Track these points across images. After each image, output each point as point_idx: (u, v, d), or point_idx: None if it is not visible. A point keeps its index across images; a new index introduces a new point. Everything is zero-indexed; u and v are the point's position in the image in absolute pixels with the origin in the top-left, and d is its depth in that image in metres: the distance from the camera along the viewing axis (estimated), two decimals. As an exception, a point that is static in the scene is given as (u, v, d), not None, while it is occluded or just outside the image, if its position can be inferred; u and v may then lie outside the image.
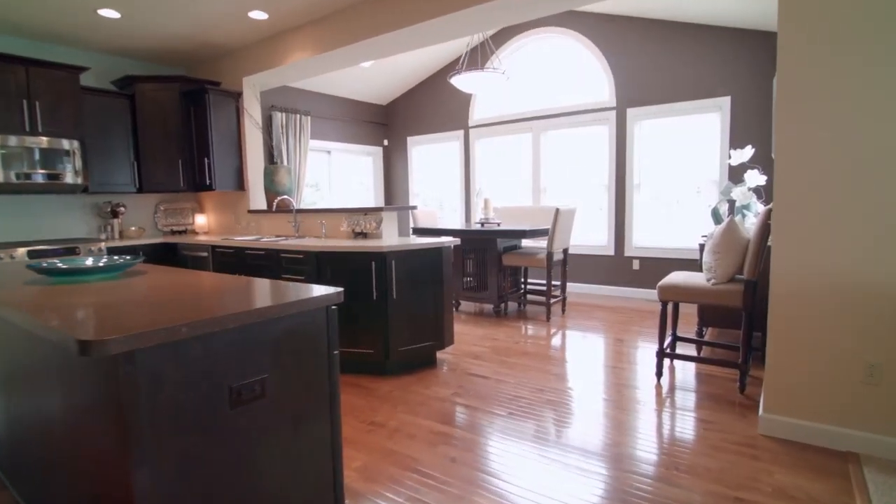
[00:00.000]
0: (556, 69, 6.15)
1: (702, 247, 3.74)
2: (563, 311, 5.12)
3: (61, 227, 4.63)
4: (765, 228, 2.73)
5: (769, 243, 2.68)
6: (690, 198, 5.40)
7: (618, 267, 5.87)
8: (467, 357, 3.77)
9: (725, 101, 5.05)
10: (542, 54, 6.24)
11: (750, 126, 4.94)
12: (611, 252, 5.89)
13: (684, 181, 5.40)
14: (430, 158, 7.46)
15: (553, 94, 6.19)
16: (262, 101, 5.98)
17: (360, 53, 4.20)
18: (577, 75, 6.01)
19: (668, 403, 2.87)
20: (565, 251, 5.04)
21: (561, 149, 6.21)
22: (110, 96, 4.62)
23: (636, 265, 5.73)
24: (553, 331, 4.44)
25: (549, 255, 4.68)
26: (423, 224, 5.79)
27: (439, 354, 3.80)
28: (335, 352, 1.62)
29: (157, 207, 5.34)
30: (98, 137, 4.55)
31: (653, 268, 5.62)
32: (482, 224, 5.20)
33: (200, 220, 5.37)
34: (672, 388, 3.10)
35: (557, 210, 4.59)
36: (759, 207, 3.82)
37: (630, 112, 5.61)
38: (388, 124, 7.82)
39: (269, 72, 4.63)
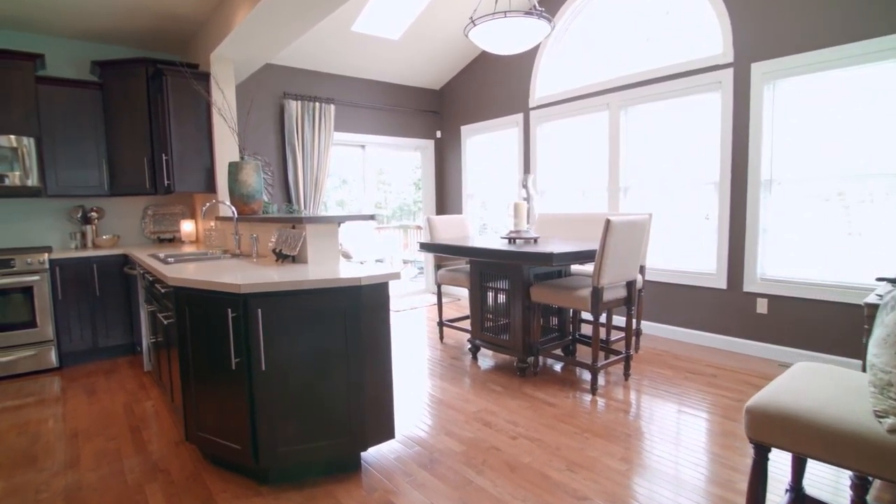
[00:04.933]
0: (640, 20, 4.29)
1: (872, 308, 1.80)
2: (627, 375, 3.35)
3: (23, 235, 4.12)
4: None
5: None
6: (873, 198, 3.23)
7: (732, 308, 3.85)
8: (415, 460, 2.32)
9: (940, 33, 2.85)
10: (620, 3, 4.43)
11: None
12: (722, 284, 3.90)
13: (859, 171, 3.25)
14: (487, 150, 5.98)
15: (636, 57, 4.34)
16: (273, 88, 5.09)
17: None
18: (671, 24, 4.11)
19: None
20: (630, 285, 3.26)
21: (649, 131, 4.33)
22: (76, 87, 4.01)
23: (762, 307, 3.68)
24: (592, 415, 2.75)
25: (597, 291, 2.98)
26: (443, 237, 4.38)
27: (372, 452, 2.41)
28: None
29: (146, 212, 4.70)
30: (61, 134, 3.96)
31: (791, 313, 3.53)
32: (511, 240, 3.65)
33: (188, 227, 4.61)
34: None
35: (608, 222, 2.88)
36: None
37: (756, 68, 3.58)
38: (442, 112, 6.50)
39: (227, 42, 3.62)
